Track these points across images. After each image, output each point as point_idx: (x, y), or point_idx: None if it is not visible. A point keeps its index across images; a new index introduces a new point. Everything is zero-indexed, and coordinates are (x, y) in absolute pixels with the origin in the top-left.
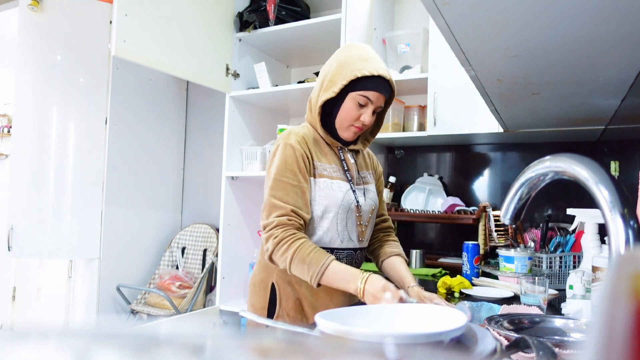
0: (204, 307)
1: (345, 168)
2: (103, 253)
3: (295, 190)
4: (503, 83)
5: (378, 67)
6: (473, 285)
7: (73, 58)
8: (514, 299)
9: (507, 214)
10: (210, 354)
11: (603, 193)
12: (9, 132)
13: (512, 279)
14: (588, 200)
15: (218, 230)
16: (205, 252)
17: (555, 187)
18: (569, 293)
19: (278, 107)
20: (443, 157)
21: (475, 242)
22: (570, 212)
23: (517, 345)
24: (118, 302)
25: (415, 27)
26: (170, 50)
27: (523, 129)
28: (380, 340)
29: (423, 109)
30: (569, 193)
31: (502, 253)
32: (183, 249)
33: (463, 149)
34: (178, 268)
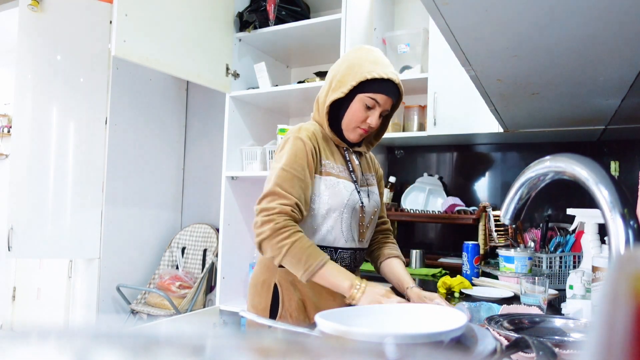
0: (204, 307)
1: (351, 169)
2: (103, 253)
3: (301, 185)
4: (503, 83)
5: (388, 70)
6: (473, 285)
7: (73, 58)
8: (514, 299)
9: (507, 214)
10: (210, 354)
11: (603, 193)
12: (9, 132)
13: (512, 279)
14: (588, 200)
15: (218, 230)
16: (205, 252)
17: (555, 187)
18: (569, 293)
19: (278, 107)
20: (443, 157)
21: (475, 242)
22: (570, 212)
23: (517, 345)
24: (118, 302)
25: (415, 27)
26: (170, 50)
27: (523, 129)
28: (380, 340)
29: (423, 109)
30: (569, 193)
31: (502, 253)
32: (183, 249)
33: (463, 149)
34: (178, 268)
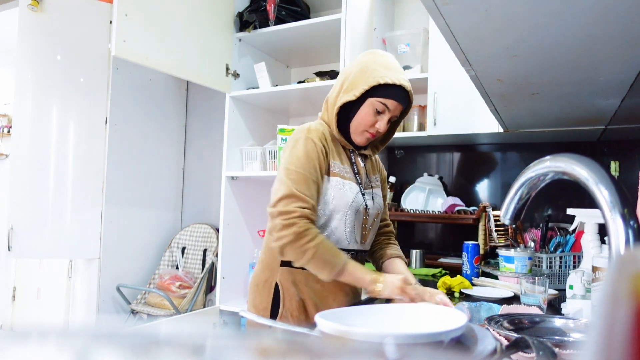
0: (204, 307)
1: (356, 171)
2: (103, 253)
3: (316, 187)
4: (503, 83)
5: (400, 77)
6: (473, 285)
7: (73, 58)
8: (514, 299)
9: (507, 214)
10: (210, 354)
11: (603, 193)
12: (9, 132)
13: (512, 279)
14: (588, 200)
15: (218, 230)
16: (205, 252)
17: (555, 187)
18: (569, 293)
19: (278, 107)
20: (443, 157)
21: (475, 242)
22: (570, 212)
23: (517, 345)
24: (118, 302)
25: (415, 27)
26: (170, 50)
27: (523, 129)
28: (380, 340)
29: (423, 109)
30: (569, 193)
31: (502, 253)
32: (183, 249)
33: (463, 149)
34: (178, 268)
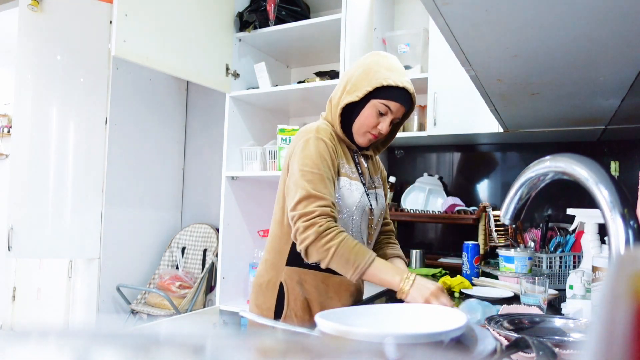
0: (204, 307)
1: (360, 171)
2: (103, 253)
3: (331, 185)
4: (503, 83)
5: (403, 79)
6: (473, 285)
7: (73, 58)
8: (514, 299)
9: (507, 214)
10: (210, 354)
11: (603, 193)
12: (9, 132)
13: (512, 279)
14: (588, 200)
15: (218, 230)
16: (205, 252)
17: (555, 187)
18: (569, 293)
19: (278, 107)
20: (443, 157)
21: (475, 242)
22: (570, 212)
23: (517, 345)
24: (118, 302)
25: (415, 27)
26: (170, 50)
27: (523, 129)
28: (380, 340)
29: (423, 109)
30: (569, 193)
31: (502, 253)
32: (183, 249)
33: (463, 149)
34: (178, 268)
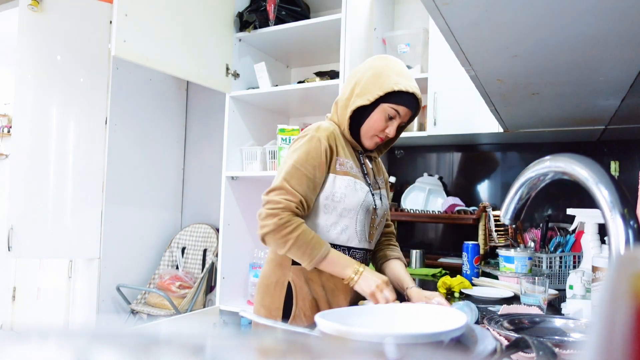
0: (204, 307)
1: (365, 172)
2: (103, 253)
3: (309, 183)
4: (503, 83)
5: (412, 84)
6: (473, 285)
7: (73, 58)
8: (514, 299)
9: (507, 214)
10: (210, 354)
11: (603, 193)
12: (9, 132)
13: (512, 279)
14: (588, 200)
15: (218, 230)
16: (205, 252)
17: (555, 187)
18: (569, 293)
19: (278, 107)
20: (443, 157)
21: (475, 242)
22: (570, 212)
23: (517, 345)
24: (118, 302)
25: (415, 27)
26: (170, 50)
27: (523, 129)
28: (380, 340)
29: (423, 109)
30: (569, 193)
31: (502, 253)
32: (183, 249)
33: (463, 149)
34: (178, 268)
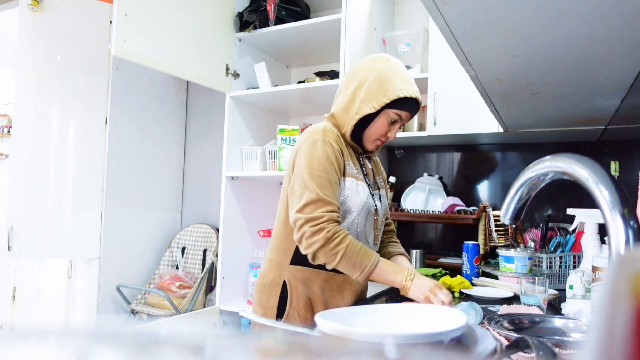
0: (204, 307)
1: (365, 172)
2: (103, 253)
3: (338, 188)
4: (503, 83)
5: (415, 89)
6: (473, 285)
7: (73, 58)
8: (514, 299)
9: (507, 214)
10: (210, 354)
11: (603, 193)
12: (9, 132)
13: (512, 279)
14: (588, 200)
15: (218, 230)
16: (205, 252)
17: (555, 187)
18: (569, 293)
19: (278, 107)
20: (443, 157)
21: (475, 242)
22: (570, 212)
23: (517, 345)
24: (118, 302)
25: (415, 27)
26: (170, 50)
27: (523, 129)
28: (380, 340)
29: (423, 109)
30: (569, 193)
31: (502, 253)
32: (183, 249)
33: (463, 149)
34: (178, 268)
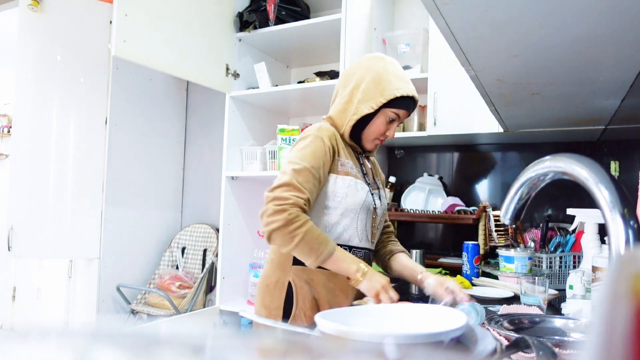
0: (204, 307)
1: (364, 172)
2: (103, 253)
3: (314, 183)
4: (503, 83)
5: (411, 87)
6: (473, 285)
7: (73, 58)
8: (514, 299)
9: (507, 214)
10: (210, 354)
11: (603, 193)
12: (9, 132)
13: (512, 279)
14: (588, 200)
15: (218, 230)
16: (205, 252)
17: (555, 187)
18: (569, 293)
19: (278, 107)
20: (443, 157)
21: (475, 242)
22: (570, 212)
23: (517, 345)
24: (118, 302)
25: (415, 27)
26: (170, 50)
27: (523, 129)
28: (380, 340)
29: (423, 109)
30: (569, 193)
31: (502, 253)
32: (183, 249)
33: (463, 149)
34: (178, 268)
